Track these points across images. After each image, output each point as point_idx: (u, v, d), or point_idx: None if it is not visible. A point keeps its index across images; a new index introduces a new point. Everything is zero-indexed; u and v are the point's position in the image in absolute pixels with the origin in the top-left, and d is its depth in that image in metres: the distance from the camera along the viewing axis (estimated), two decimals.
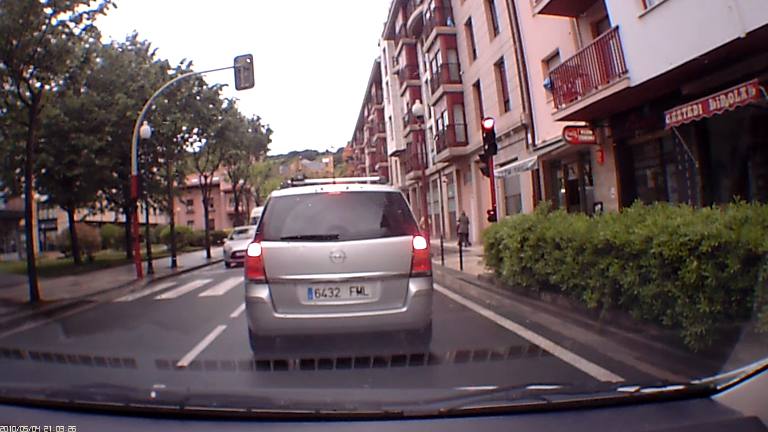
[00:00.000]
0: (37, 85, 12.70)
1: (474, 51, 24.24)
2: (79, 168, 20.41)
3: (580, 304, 6.59)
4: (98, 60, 19.76)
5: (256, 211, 30.54)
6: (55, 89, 16.37)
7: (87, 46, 14.35)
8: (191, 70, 23.47)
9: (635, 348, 5.14)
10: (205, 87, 25.98)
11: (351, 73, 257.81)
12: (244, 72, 15.96)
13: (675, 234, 4.63)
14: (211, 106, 26.69)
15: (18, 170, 19.43)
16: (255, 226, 6.38)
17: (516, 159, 18.98)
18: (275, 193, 5.92)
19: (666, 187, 12.44)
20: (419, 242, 5.39)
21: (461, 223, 24.26)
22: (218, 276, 16.42)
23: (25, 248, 24.90)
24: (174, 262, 21.72)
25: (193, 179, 36.96)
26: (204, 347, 6.18)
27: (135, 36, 24.95)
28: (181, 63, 23.84)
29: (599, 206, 13.72)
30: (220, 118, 27.60)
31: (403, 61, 36.15)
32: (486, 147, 13.72)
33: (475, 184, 24.53)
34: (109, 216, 30.58)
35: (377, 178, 6.76)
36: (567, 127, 14.01)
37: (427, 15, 28.65)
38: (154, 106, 19.64)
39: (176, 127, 22.98)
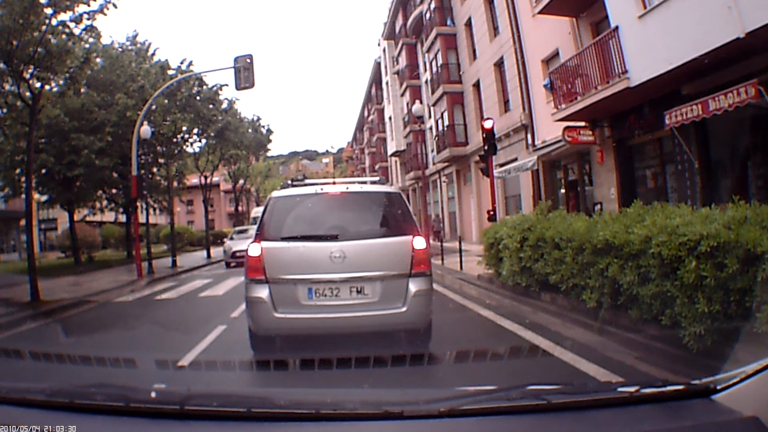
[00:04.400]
0: (38, 85, 12.70)
1: (474, 51, 24.24)
2: (80, 168, 20.41)
3: (579, 304, 6.59)
4: (98, 60, 19.74)
5: (256, 211, 30.56)
6: (55, 89, 16.36)
7: (87, 46, 14.35)
8: (191, 71, 23.46)
9: (635, 348, 5.15)
10: (205, 87, 25.96)
11: (351, 74, 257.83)
12: (244, 72, 15.96)
13: (674, 234, 4.63)
14: (211, 106, 26.68)
15: (18, 170, 19.42)
16: (255, 226, 6.39)
17: (516, 159, 18.98)
18: (275, 193, 5.92)
19: (666, 188, 12.44)
20: (419, 242, 5.40)
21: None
22: (218, 276, 16.42)
23: (25, 248, 24.91)
24: (174, 262, 21.73)
25: (193, 179, 36.93)
26: (204, 347, 6.19)
27: (135, 36, 24.96)
28: (181, 63, 23.84)
29: (599, 206, 13.72)
30: (220, 118, 27.60)
31: (403, 61, 36.13)
32: (486, 147, 13.73)
33: (475, 184, 24.52)
34: (109, 216, 30.58)
35: (377, 179, 6.77)
36: (567, 128, 14.01)
37: (427, 15, 28.64)
38: (154, 107, 19.62)
39: (176, 128, 22.97)
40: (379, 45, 45.30)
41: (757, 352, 3.07)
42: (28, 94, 12.44)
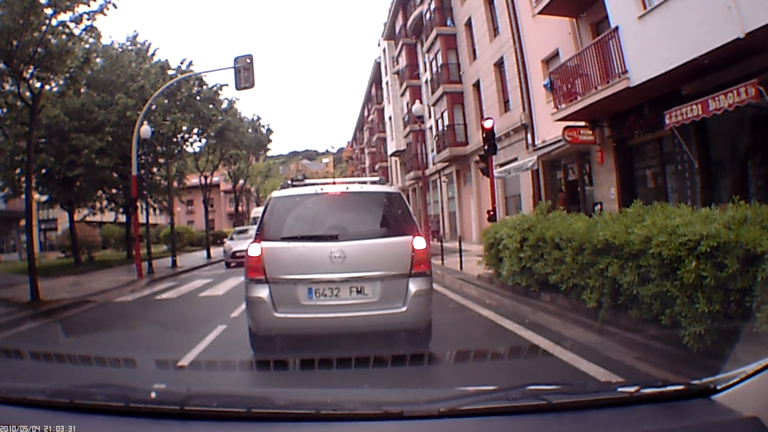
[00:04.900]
0: (38, 85, 12.70)
1: (474, 51, 24.24)
2: (80, 168, 20.40)
3: (579, 304, 6.59)
4: (98, 60, 19.76)
5: (256, 211, 30.58)
6: (55, 89, 16.37)
7: (87, 46, 14.34)
8: (191, 71, 23.45)
9: (635, 348, 5.15)
10: (205, 87, 25.95)
11: (351, 74, 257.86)
12: (244, 72, 15.97)
13: (674, 234, 4.63)
14: (211, 106, 26.66)
15: (18, 170, 19.41)
16: (255, 226, 6.39)
17: (516, 159, 18.98)
18: (275, 193, 5.93)
19: (666, 188, 12.44)
20: (419, 242, 5.40)
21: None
22: (218, 276, 16.42)
23: (25, 248, 24.91)
24: (174, 262, 21.74)
25: (193, 179, 36.96)
26: (204, 347, 6.19)
27: (135, 36, 24.99)
28: (181, 63, 23.83)
29: (599, 206, 13.72)
30: (220, 118, 27.59)
31: (403, 62, 36.13)
32: (486, 147, 13.73)
33: (475, 184, 24.52)
34: (109, 216, 30.57)
35: (377, 179, 6.77)
36: (567, 127, 14.01)
37: (427, 15, 28.64)
38: (154, 106, 19.63)
39: (176, 127, 22.97)
40: (379, 45, 45.30)
41: (757, 352, 3.07)
42: (28, 94, 12.44)
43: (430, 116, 30.37)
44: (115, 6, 12.08)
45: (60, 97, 17.89)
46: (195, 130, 26.35)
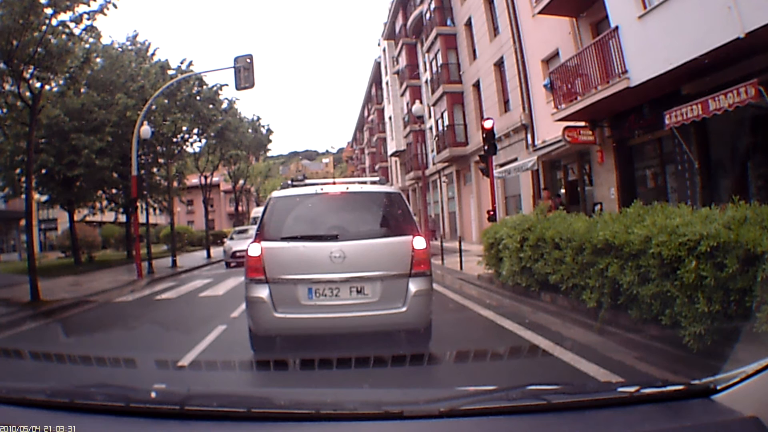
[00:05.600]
0: (38, 85, 12.70)
1: (474, 51, 24.24)
2: (80, 168, 20.42)
3: (579, 304, 6.59)
4: (98, 60, 19.76)
5: (256, 211, 30.60)
6: (55, 89, 16.38)
7: (87, 46, 14.35)
8: (191, 70, 23.48)
9: (635, 348, 5.15)
10: (205, 87, 25.99)
11: (351, 74, 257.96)
12: (244, 72, 15.96)
13: (674, 234, 4.63)
14: (211, 106, 26.71)
15: (18, 170, 19.44)
16: (255, 226, 6.40)
17: (516, 159, 18.97)
18: (275, 194, 5.93)
19: (666, 188, 12.44)
20: (419, 242, 5.40)
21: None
22: (218, 276, 16.42)
23: (25, 248, 24.93)
24: (174, 262, 21.74)
25: (193, 179, 36.99)
26: (204, 347, 6.19)
27: (135, 36, 25.03)
28: (181, 63, 23.91)
29: (599, 206, 13.71)
30: (220, 118, 27.61)
31: (403, 61, 36.14)
32: (486, 147, 13.74)
33: (475, 185, 24.52)
34: (109, 216, 30.60)
35: (377, 179, 6.77)
36: (567, 128, 14.00)
37: (427, 15, 28.64)
38: (154, 106, 19.64)
39: (176, 128, 23.01)
40: (379, 45, 45.32)
41: (757, 352, 3.08)
42: (28, 94, 12.44)
43: (430, 116, 30.37)
44: (115, 6, 12.10)
45: (60, 97, 17.91)
46: (195, 130, 26.41)
